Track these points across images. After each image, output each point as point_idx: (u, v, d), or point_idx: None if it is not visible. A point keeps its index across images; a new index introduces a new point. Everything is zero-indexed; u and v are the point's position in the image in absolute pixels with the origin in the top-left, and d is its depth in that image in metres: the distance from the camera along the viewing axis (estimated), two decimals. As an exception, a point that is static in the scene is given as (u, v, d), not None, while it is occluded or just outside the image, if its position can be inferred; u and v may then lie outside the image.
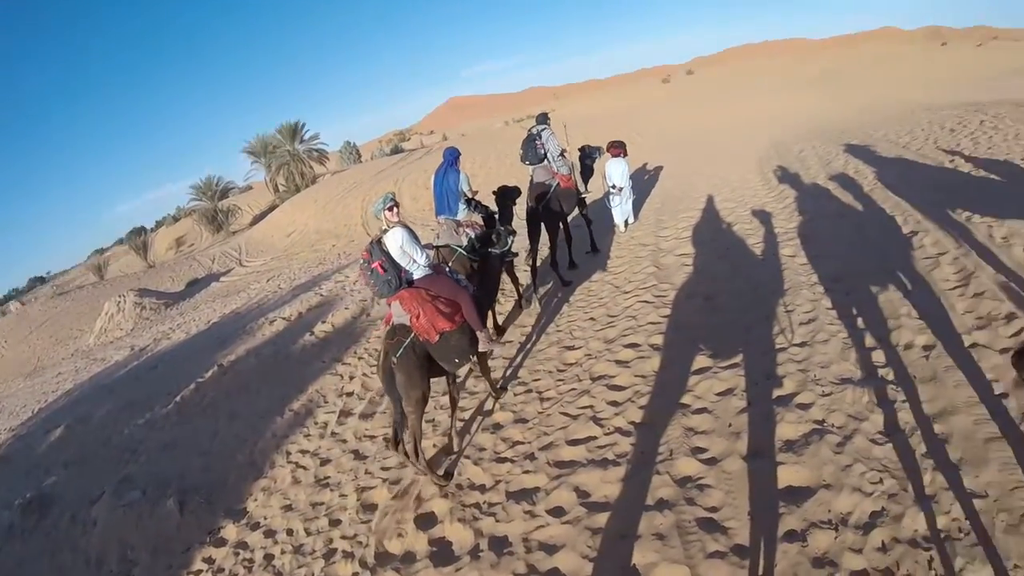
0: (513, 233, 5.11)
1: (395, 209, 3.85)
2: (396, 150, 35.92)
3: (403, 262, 3.81)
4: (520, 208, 6.34)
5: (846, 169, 8.32)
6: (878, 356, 3.61)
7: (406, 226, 3.87)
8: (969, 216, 5.15)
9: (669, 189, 10.30)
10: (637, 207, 8.91)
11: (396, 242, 3.76)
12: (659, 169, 12.59)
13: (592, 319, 5.52)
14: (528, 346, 5.46)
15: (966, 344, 3.43)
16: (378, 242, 3.78)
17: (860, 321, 4.07)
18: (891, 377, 3.38)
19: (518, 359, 5.27)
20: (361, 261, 3.83)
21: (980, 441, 2.71)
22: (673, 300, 5.33)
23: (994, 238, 4.62)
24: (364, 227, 18.94)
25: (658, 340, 4.66)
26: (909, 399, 3.15)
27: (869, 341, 3.80)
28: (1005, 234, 4.59)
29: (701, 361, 4.12)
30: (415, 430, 3.65)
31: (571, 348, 5.08)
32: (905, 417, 3.03)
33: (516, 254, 5.57)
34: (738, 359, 4.00)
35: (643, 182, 11.32)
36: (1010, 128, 8.50)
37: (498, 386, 4.68)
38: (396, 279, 3.73)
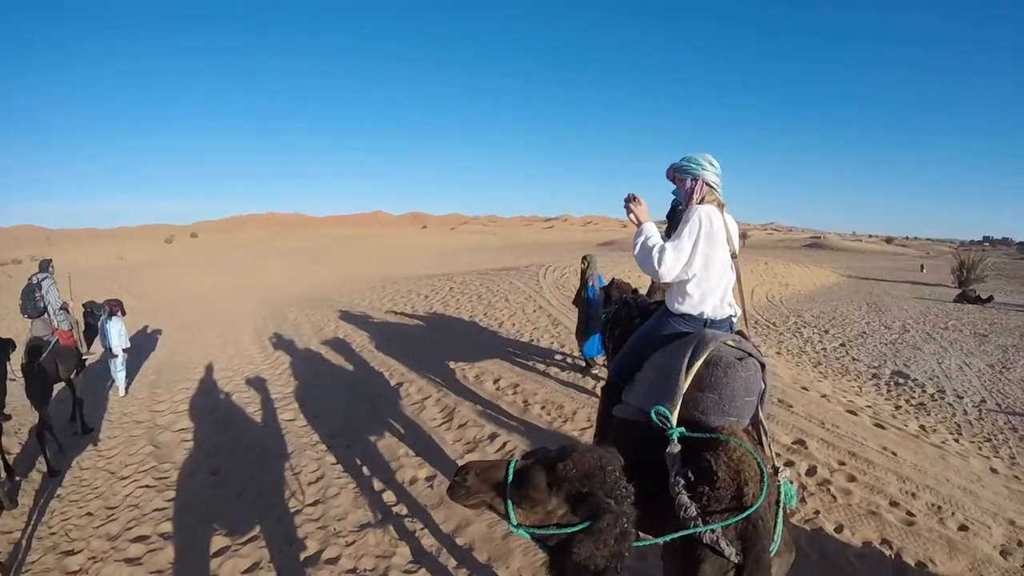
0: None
1: None
2: None
3: None
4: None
5: (337, 333, 9.71)
6: (388, 496, 4.24)
7: None
8: (448, 362, 6.80)
9: (164, 359, 9.60)
10: (131, 376, 8.03)
11: None
12: (156, 335, 11.64)
13: (89, 514, 4.61)
14: (20, 556, 4.14)
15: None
16: None
17: (365, 469, 4.71)
18: (405, 512, 4.00)
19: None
20: None
21: (499, 539, 3.52)
22: (177, 480, 4.98)
23: (468, 377, 6.35)
24: None
25: (167, 527, 4.25)
26: (427, 525, 3.79)
27: (378, 485, 4.41)
28: (477, 373, 6.40)
29: (219, 541, 3.95)
30: None
31: (70, 553, 4.09)
32: (429, 542, 3.63)
33: (7, 416, 5.16)
34: (256, 531, 4.01)
35: (137, 350, 10.19)
36: (473, 291, 11.81)
37: None
38: None
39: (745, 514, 1.65)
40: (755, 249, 47.57)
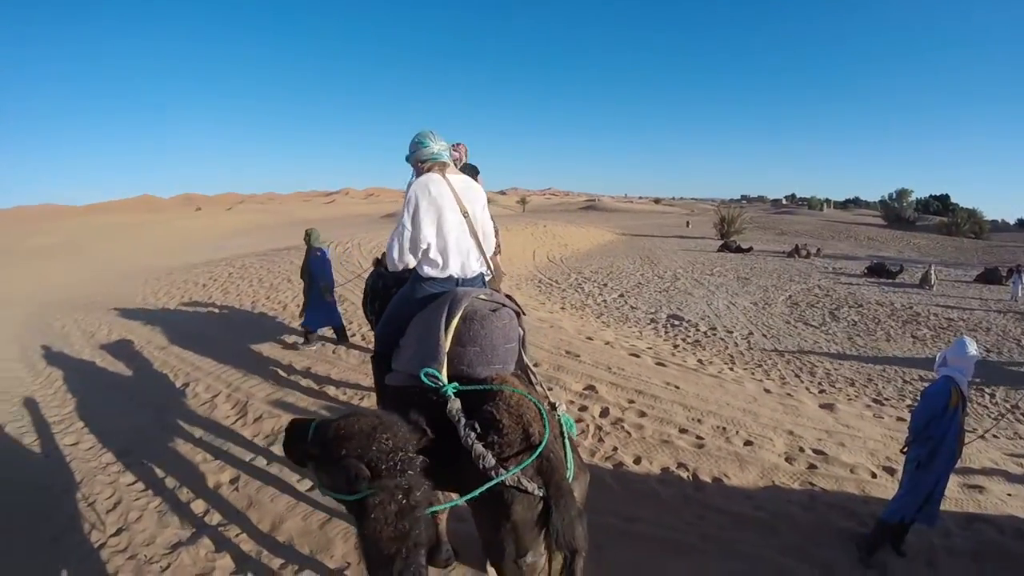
0: None
1: None
2: None
3: None
4: None
5: (111, 337, 8.46)
6: (196, 507, 3.88)
7: None
8: (234, 353, 6.39)
9: None
10: None
11: None
12: None
13: None
14: None
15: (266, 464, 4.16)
16: None
17: (165, 483, 4.26)
18: (216, 520, 3.69)
19: None
20: None
21: (316, 529, 3.37)
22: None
23: (257, 366, 6.02)
24: None
25: None
26: (242, 530, 3.53)
27: (182, 497, 4.01)
28: (266, 360, 6.07)
29: None
30: None
31: None
32: (248, 547, 3.40)
33: None
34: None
35: None
36: (254, 275, 11.03)
37: None
38: None
39: (537, 452, 1.79)
40: (535, 213, 49.81)
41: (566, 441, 2.01)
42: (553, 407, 2.07)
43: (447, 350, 2.06)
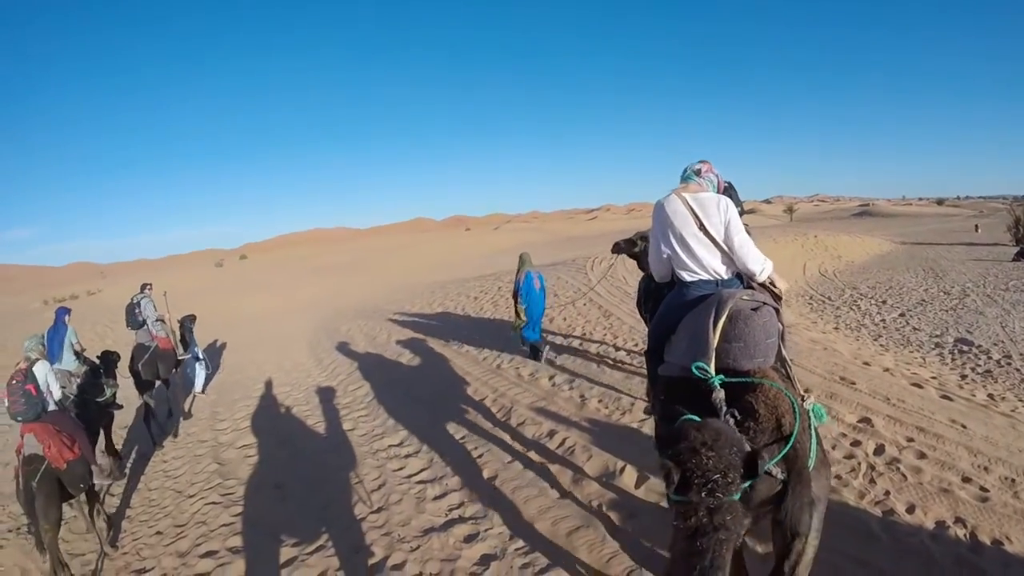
0: (115, 386, 5.91)
1: (44, 347, 4.71)
2: None
3: (45, 390, 4.37)
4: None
5: (390, 341, 9.85)
6: (451, 499, 4.25)
7: (48, 363, 4.60)
8: (501, 362, 6.99)
9: (222, 379, 9.92)
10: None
11: (43, 375, 4.40)
12: (212, 357, 12.02)
13: (159, 533, 4.77)
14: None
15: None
16: (30, 369, 4.33)
17: (425, 473, 4.76)
18: (468, 514, 3.99)
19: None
20: (13, 381, 4.26)
21: (564, 536, 3.50)
22: (242, 496, 5.10)
23: (522, 375, 6.28)
24: None
25: (236, 542, 4.35)
26: (491, 527, 3.77)
27: (439, 489, 4.42)
28: (531, 370, 6.36)
29: (287, 553, 4.01)
30: (52, 548, 4.01)
31: (142, 571, 4.26)
32: (494, 543, 3.61)
33: (120, 406, 6.09)
34: (323, 540, 4.05)
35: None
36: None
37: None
38: (41, 405, 4.31)
39: (790, 444, 1.96)
40: (803, 222, 45.89)
41: (813, 432, 2.15)
42: (803, 399, 2.21)
43: (715, 346, 2.28)
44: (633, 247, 5.38)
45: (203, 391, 8.63)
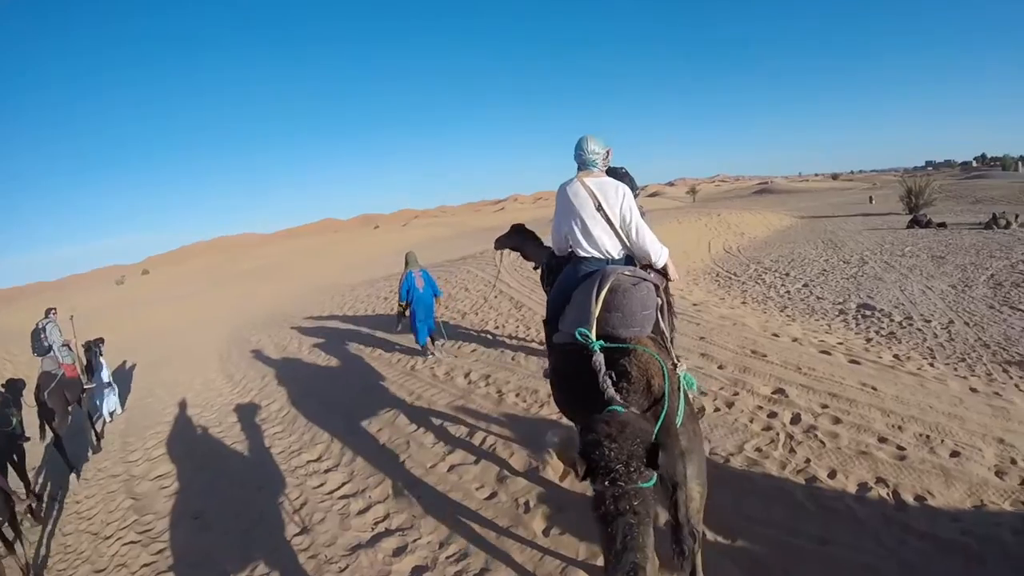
0: (18, 416, 5.78)
1: None
2: None
3: None
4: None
5: (300, 350, 9.60)
6: (375, 512, 4.19)
7: None
8: (416, 363, 6.88)
9: (132, 403, 9.35)
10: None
11: None
12: (119, 380, 11.20)
13: None
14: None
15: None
16: None
17: (347, 487, 4.65)
18: (393, 526, 3.93)
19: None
20: None
21: (493, 539, 3.50)
22: (162, 530, 4.84)
23: (438, 375, 6.21)
24: None
25: None
26: (419, 536, 3.74)
27: (362, 503, 4.34)
28: (447, 369, 6.30)
29: None
30: None
31: None
32: (423, 553, 3.60)
33: (27, 437, 5.85)
34: (247, 570, 3.92)
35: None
36: None
37: None
38: None
39: (666, 406, 2.20)
40: (707, 202, 47.78)
41: (682, 394, 2.41)
42: (675, 366, 2.50)
43: (597, 315, 2.54)
44: (512, 241, 5.91)
45: (111, 419, 8.38)
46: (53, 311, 7.47)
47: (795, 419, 4.29)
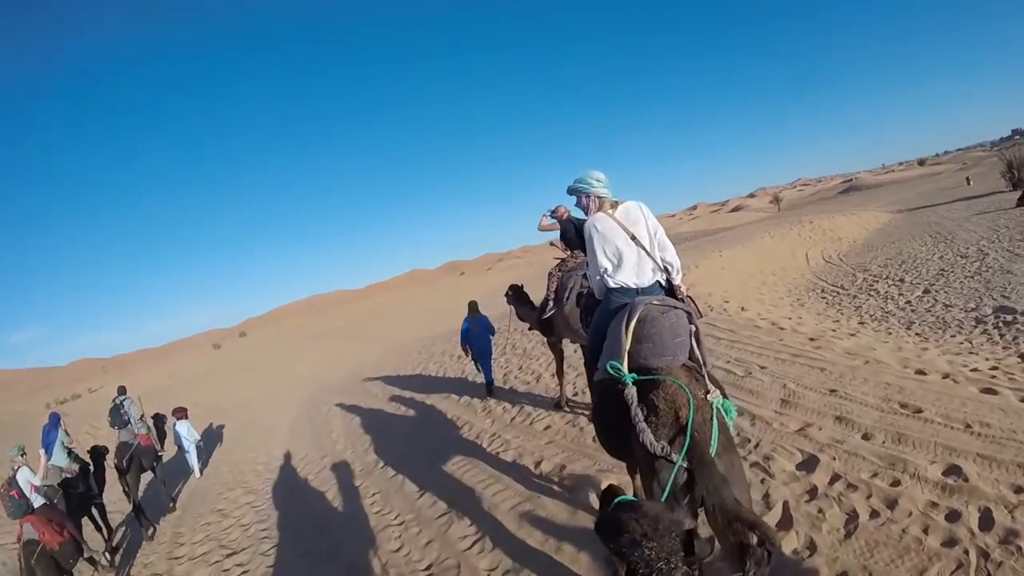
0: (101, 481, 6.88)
1: (23, 456, 5.66)
2: None
3: (27, 493, 5.27)
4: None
5: (372, 426, 8.33)
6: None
7: (30, 468, 5.58)
8: (479, 440, 5.73)
9: (195, 484, 9.02)
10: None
11: (24, 480, 5.38)
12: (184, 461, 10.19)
13: None
14: None
15: None
16: (13, 477, 5.34)
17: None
18: None
19: None
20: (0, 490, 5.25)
21: None
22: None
23: (503, 458, 5.03)
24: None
25: None
26: None
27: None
28: (514, 456, 5.13)
29: None
30: None
31: None
32: None
33: (98, 499, 6.75)
34: None
35: (173, 471, 9.51)
36: (508, 341, 10.35)
37: None
38: (27, 504, 5.25)
39: (688, 435, 2.09)
40: (792, 210, 44.65)
41: (715, 422, 2.23)
42: (707, 394, 2.35)
43: (628, 347, 2.45)
44: (516, 295, 6.81)
45: (200, 475, 9.33)
46: (125, 389, 8.28)
47: (985, 522, 2.73)
